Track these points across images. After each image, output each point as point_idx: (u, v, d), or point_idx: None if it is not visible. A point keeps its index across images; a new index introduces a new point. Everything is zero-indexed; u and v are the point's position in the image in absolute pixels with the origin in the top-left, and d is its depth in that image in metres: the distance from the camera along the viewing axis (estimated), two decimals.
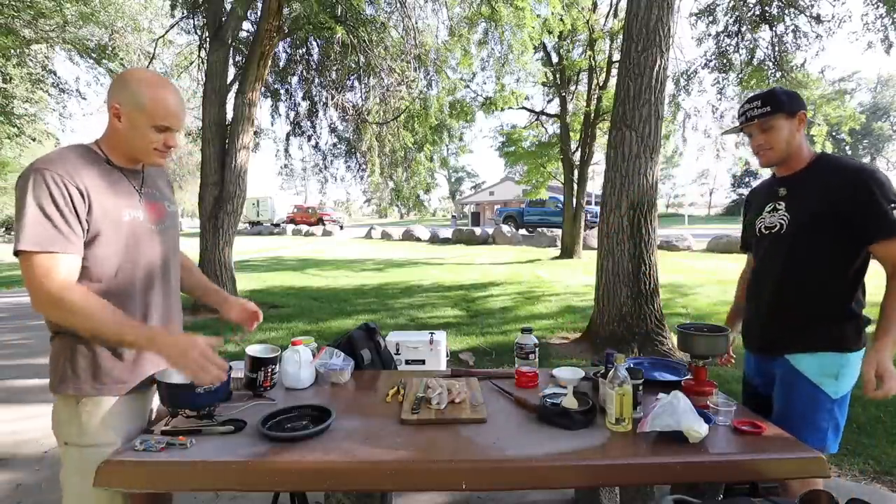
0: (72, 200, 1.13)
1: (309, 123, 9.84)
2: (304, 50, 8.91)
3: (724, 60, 9.18)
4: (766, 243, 1.55)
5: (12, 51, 9.66)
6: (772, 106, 1.46)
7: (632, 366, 1.48)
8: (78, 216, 1.14)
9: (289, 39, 8.21)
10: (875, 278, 1.43)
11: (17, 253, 1.13)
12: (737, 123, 1.60)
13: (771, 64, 8.43)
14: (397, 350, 3.03)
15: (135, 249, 1.26)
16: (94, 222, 1.17)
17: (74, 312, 1.12)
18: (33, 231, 1.10)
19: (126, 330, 1.16)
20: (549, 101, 13.50)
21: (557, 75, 11.90)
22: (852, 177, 1.39)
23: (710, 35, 9.41)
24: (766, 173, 1.71)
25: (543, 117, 13.57)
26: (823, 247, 1.43)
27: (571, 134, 11.98)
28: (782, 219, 1.51)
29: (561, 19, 9.04)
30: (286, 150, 10.23)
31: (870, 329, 1.45)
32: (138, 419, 1.33)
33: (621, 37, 4.79)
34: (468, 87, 11.54)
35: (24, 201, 1.11)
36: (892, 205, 1.35)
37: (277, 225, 29.30)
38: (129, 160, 1.30)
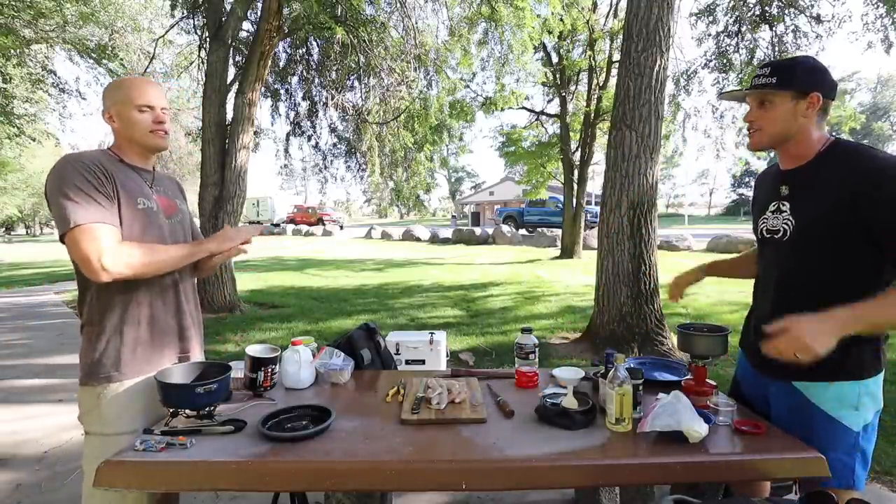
0: (103, 182, 1.27)
1: (309, 123, 9.86)
2: (304, 50, 8.91)
3: (724, 60, 9.19)
4: (769, 249, 1.34)
5: (12, 51, 9.66)
6: (780, 78, 1.23)
7: (632, 366, 1.48)
8: (108, 195, 1.28)
9: (289, 39, 8.21)
10: None
11: (62, 237, 1.23)
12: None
13: None
14: (397, 350, 3.03)
15: (148, 234, 1.36)
16: (117, 206, 1.30)
17: (141, 256, 1.27)
18: (82, 209, 1.22)
19: (188, 248, 1.39)
20: (549, 101, 13.50)
21: (557, 75, 11.90)
22: (875, 171, 1.12)
23: (710, 35, 9.43)
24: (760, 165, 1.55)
25: (543, 117, 13.58)
26: (836, 259, 1.20)
27: (571, 134, 11.98)
28: (786, 223, 1.28)
29: (561, 19, 9.05)
30: (286, 150, 10.24)
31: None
32: (156, 408, 1.37)
33: (621, 37, 4.79)
34: (468, 87, 11.56)
35: (63, 187, 1.23)
36: None
37: (277, 225, 29.30)
38: (138, 155, 1.42)
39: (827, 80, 1.24)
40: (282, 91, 9.53)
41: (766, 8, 8.11)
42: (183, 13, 8.07)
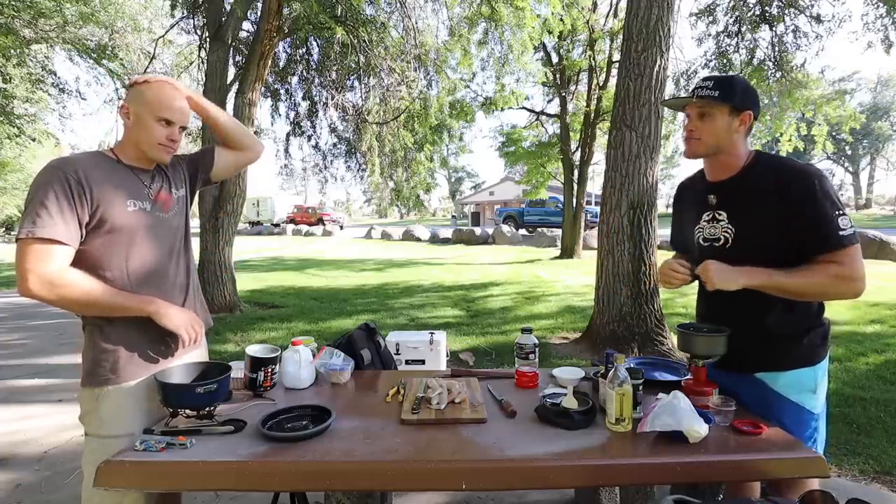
0: (73, 195, 1.22)
1: (309, 123, 9.84)
2: (304, 50, 8.91)
3: (724, 60, 9.17)
4: (708, 257, 1.39)
5: (12, 51, 9.66)
6: (721, 92, 1.32)
7: (632, 366, 1.48)
8: (77, 213, 1.23)
9: (289, 39, 8.20)
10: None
11: (17, 240, 1.22)
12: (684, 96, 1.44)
13: (771, 64, 8.42)
14: (397, 350, 3.03)
15: (143, 238, 1.35)
16: (99, 214, 1.27)
17: (72, 288, 1.23)
18: (34, 221, 1.19)
19: (123, 297, 1.29)
20: (549, 101, 13.51)
21: (557, 75, 11.90)
22: (795, 179, 1.26)
23: (710, 35, 9.40)
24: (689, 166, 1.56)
25: (543, 117, 13.59)
26: (777, 261, 1.29)
27: (571, 134, 11.98)
28: (726, 231, 1.38)
29: (561, 19, 9.04)
30: (286, 150, 10.23)
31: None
32: (155, 411, 1.37)
33: (621, 37, 4.79)
34: (468, 87, 11.55)
35: (32, 195, 1.22)
36: (839, 212, 1.22)
37: (277, 225, 29.27)
38: (138, 157, 1.39)
39: (757, 101, 1.37)
40: (282, 91, 9.52)
41: (766, 8, 8.10)
42: (183, 13, 8.08)
